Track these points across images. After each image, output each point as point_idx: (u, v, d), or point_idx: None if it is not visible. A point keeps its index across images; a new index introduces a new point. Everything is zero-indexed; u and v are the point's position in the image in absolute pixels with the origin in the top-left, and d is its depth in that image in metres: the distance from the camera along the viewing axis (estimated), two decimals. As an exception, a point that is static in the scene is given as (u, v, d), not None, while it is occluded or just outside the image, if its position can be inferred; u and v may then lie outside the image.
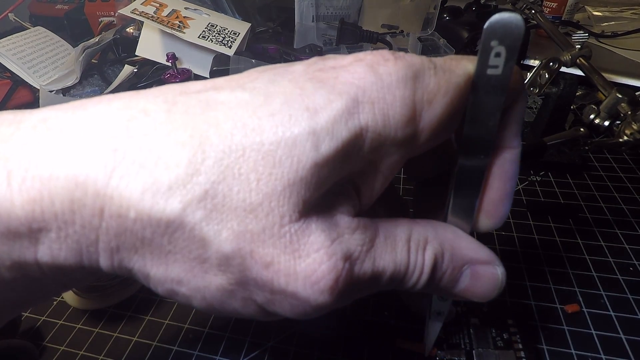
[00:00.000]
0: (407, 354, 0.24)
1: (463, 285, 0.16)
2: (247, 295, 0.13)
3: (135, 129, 0.12)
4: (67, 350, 0.26)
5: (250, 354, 0.25)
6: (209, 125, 0.12)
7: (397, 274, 0.14)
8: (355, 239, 0.13)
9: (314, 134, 0.12)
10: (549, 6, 0.64)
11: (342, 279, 0.12)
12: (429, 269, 0.14)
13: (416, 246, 0.14)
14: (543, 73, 0.39)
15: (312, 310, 0.13)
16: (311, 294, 0.12)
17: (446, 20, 0.67)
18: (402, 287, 0.15)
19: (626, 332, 0.25)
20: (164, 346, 0.26)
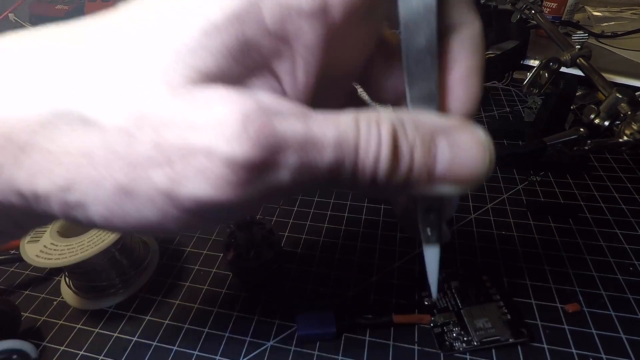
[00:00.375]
0: (407, 333, 0.24)
1: (445, 160, 0.12)
2: (147, 187, 0.11)
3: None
4: (67, 350, 0.26)
5: (250, 354, 0.25)
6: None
7: (345, 142, 0.11)
8: (277, 101, 0.12)
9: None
10: (549, 6, 0.64)
11: (260, 126, 0.10)
12: (388, 138, 0.12)
13: (367, 119, 0.12)
14: (543, 73, 0.39)
15: (231, 174, 0.10)
16: (225, 143, 0.10)
17: (446, 20, 0.67)
18: (363, 167, 0.12)
19: (626, 331, 0.25)
20: (164, 346, 0.26)
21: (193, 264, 0.32)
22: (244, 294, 0.29)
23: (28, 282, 0.31)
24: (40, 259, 0.25)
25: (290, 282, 0.30)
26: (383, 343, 0.25)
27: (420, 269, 0.30)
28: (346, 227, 0.34)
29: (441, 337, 0.22)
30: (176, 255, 0.33)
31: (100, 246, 0.26)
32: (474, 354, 0.23)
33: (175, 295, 0.29)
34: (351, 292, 0.29)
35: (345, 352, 0.25)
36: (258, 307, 0.28)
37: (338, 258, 0.31)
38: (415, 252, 0.31)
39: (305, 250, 0.32)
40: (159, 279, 0.30)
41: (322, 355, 0.25)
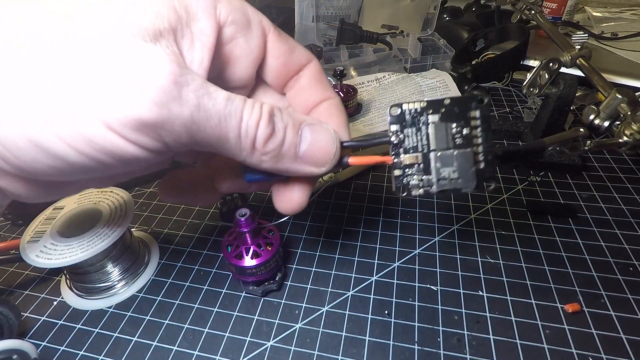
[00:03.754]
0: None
1: (306, 142, 0.17)
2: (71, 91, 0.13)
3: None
4: (67, 350, 0.26)
5: (250, 353, 0.25)
6: None
7: (234, 102, 0.15)
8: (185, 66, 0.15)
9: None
10: (549, 7, 0.64)
11: (174, 72, 0.14)
12: (267, 113, 0.16)
13: (253, 100, 0.16)
14: (543, 73, 0.39)
15: (151, 93, 0.13)
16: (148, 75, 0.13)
17: (446, 20, 0.67)
18: (246, 128, 0.16)
19: (626, 331, 0.25)
20: (164, 346, 0.26)
21: (193, 264, 0.32)
22: (244, 294, 0.29)
23: (28, 282, 0.31)
24: (40, 259, 0.25)
25: (289, 281, 0.30)
26: (383, 343, 0.25)
27: (420, 268, 0.30)
28: (346, 227, 0.34)
29: (399, 179, 0.18)
30: (176, 255, 0.33)
31: (100, 246, 0.26)
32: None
33: (175, 295, 0.29)
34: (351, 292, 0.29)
35: (345, 353, 0.25)
36: (258, 307, 0.28)
37: (338, 258, 0.31)
38: (415, 252, 0.31)
39: (305, 250, 0.32)
40: (159, 279, 0.30)
41: (322, 355, 0.25)
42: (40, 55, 0.13)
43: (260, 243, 0.27)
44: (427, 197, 0.18)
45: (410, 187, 0.19)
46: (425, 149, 0.18)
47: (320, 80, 0.21)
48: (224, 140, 0.16)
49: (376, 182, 0.39)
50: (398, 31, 0.62)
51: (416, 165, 0.18)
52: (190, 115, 0.14)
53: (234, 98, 0.15)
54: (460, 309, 0.27)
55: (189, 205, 0.37)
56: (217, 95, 0.15)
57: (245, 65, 0.19)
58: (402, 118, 0.18)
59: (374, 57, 0.59)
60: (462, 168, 0.18)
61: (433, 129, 0.18)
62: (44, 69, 0.13)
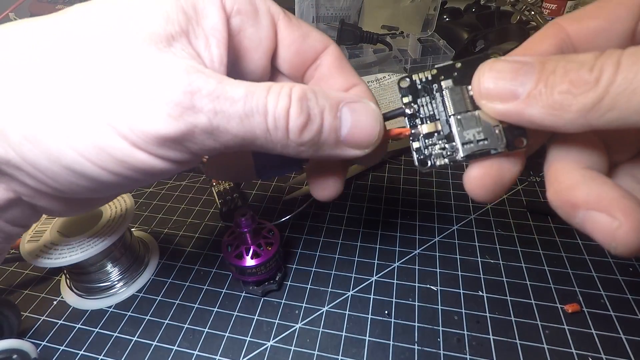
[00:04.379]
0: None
1: (347, 124, 0.16)
2: (87, 112, 0.14)
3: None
4: (67, 350, 0.26)
5: (250, 353, 0.25)
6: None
7: (253, 96, 0.14)
8: (198, 65, 0.14)
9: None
10: (549, 7, 0.64)
11: (182, 80, 0.13)
12: (297, 98, 0.15)
13: (280, 85, 0.15)
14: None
15: (166, 108, 0.13)
16: (159, 90, 0.13)
17: (446, 21, 0.67)
18: (274, 121, 0.14)
19: (626, 332, 0.25)
20: (164, 346, 0.26)
21: (193, 264, 0.32)
22: (244, 294, 0.29)
23: (28, 282, 0.31)
24: (40, 259, 0.25)
25: (289, 281, 0.30)
26: (383, 343, 0.25)
27: (420, 268, 0.30)
28: (346, 227, 0.34)
29: (420, 152, 0.17)
30: (176, 255, 0.33)
31: (100, 246, 0.26)
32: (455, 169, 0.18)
33: (175, 295, 0.29)
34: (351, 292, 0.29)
35: (345, 353, 0.25)
36: (258, 307, 0.28)
37: (338, 258, 0.31)
38: (415, 252, 0.31)
39: (305, 250, 0.32)
40: (159, 279, 0.30)
41: (322, 355, 0.25)
42: (56, 77, 0.14)
43: (260, 243, 0.27)
44: (452, 165, 0.16)
45: (434, 157, 0.17)
46: (444, 116, 0.17)
47: (341, 66, 0.19)
48: (253, 137, 0.15)
49: (376, 182, 0.39)
50: (398, 32, 0.62)
51: (436, 133, 0.17)
52: (208, 122, 0.14)
53: (254, 90, 0.14)
54: (460, 309, 0.27)
55: (189, 206, 0.37)
56: (234, 93, 0.14)
57: (256, 58, 0.18)
58: (413, 89, 0.17)
59: (374, 57, 0.59)
60: (487, 128, 0.16)
61: (449, 94, 0.16)
62: (62, 93, 0.13)
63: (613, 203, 0.13)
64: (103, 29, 0.14)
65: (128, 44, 0.14)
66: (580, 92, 0.12)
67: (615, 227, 0.13)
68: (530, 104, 0.13)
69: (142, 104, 0.13)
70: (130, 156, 0.14)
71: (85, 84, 0.13)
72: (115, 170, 0.14)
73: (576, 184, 0.14)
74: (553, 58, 0.13)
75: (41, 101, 0.13)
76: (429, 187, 0.38)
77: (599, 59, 0.12)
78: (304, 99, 0.15)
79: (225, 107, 0.14)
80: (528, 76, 0.13)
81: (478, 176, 0.16)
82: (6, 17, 0.64)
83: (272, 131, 0.15)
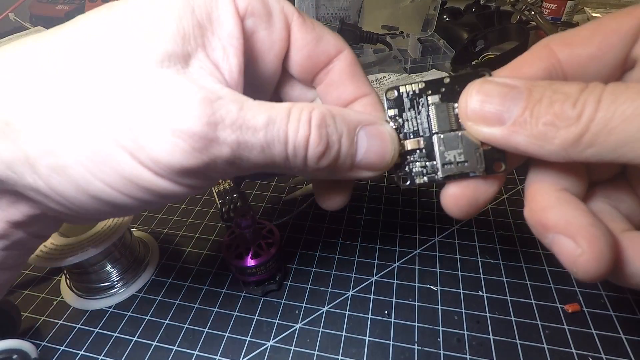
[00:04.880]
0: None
1: (363, 148, 0.16)
2: (112, 145, 0.13)
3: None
4: (67, 350, 0.26)
5: (250, 353, 0.25)
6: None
7: (274, 125, 0.14)
8: (218, 87, 0.14)
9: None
10: (549, 7, 0.64)
11: (203, 107, 0.13)
12: (317, 123, 0.14)
13: (299, 108, 0.15)
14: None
15: (182, 143, 0.13)
16: (172, 119, 0.13)
17: (446, 21, 0.67)
18: (294, 149, 0.14)
19: (626, 331, 0.25)
20: (163, 346, 0.26)
21: (193, 264, 0.32)
22: (244, 294, 0.29)
23: (28, 282, 0.31)
24: (40, 259, 0.25)
25: (289, 281, 0.30)
26: (383, 343, 0.25)
27: (420, 268, 0.30)
28: (346, 227, 0.34)
29: (401, 168, 0.17)
30: (176, 255, 0.33)
31: (100, 246, 0.26)
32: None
33: (175, 295, 0.29)
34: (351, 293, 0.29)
35: (345, 353, 0.25)
36: (258, 307, 0.28)
37: (338, 258, 0.31)
38: (415, 252, 0.31)
39: (305, 250, 0.32)
40: (159, 279, 0.30)
41: (322, 355, 0.25)
42: (77, 108, 0.13)
43: (261, 243, 0.27)
44: (431, 185, 0.17)
45: (414, 175, 0.17)
46: (427, 133, 0.17)
47: (353, 73, 0.19)
48: (272, 164, 0.15)
49: (376, 182, 0.39)
50: (398, 32, 0.62)
51: (418, 150, 0.17)
52: (231, 153, 0.14)
53: (274, 118, 0.14)
54: (460, 309, 0.27)
55: (189, 205, 0.37)
56: (256, 122, 0.14)
57: (267, 60, 0.17)
58: (399, 102, 0.17)
59: (374, 57, 0.59)
60: (468, 150, 0.16)
61: (434, 111, 0.16)
62: (86, 124, 0.13)
63: (580, 230, 0.13)
64: (116, 51, 0.14)
65: (146, 69, 0.13)
66: (563, 126, 0.12)
67: (578, 254, 0.13)
68: (515, 131, 0.13)
69: (165, 137, 0.13)
70: (155, 185, 0.14)
71: (106, 115, 0.13)
72: (140, 197, 0.15)
73: (550, 206, 0.15)
74: (540, 85, 0.13)
75: (66, 133, 0.13)
76: (429, 187, 0.38)
77: (582, 93, 0.12)
78: (323, 125, 0.15)
79: (248, 137, 0.14)
80: (515, 102, 0.13)
81: (454, 195, 0.17)
82: (6, 17, 0.64)
83: (292, 159, 0.15)
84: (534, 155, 0.14)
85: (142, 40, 0.14)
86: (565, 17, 0.64)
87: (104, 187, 0.14)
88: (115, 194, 0.14)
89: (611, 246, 0.13)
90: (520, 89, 0.13)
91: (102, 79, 0.13)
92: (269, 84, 0.19)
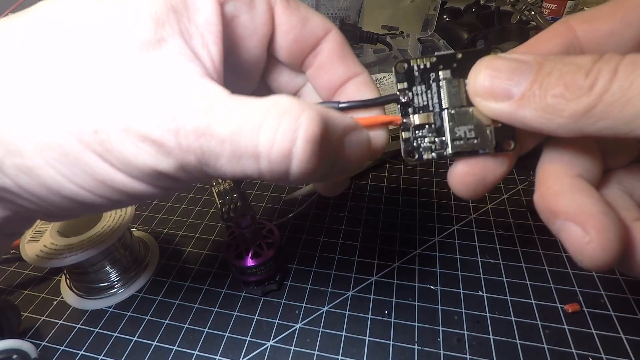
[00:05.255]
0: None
1: (352, 151, 0.15)
2: (81, 147, 0.13)
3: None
4: (67, 350, 0.26)
5: (250, 353, 0.25)
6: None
7: (241, 136, 0.12)
8: (196, 81, 0.13)
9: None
10: (549, 7, 0.64)
11: (164, 117, 0.12)
12: (308, 133, 0.12)
13: (279, 113, 0.13)
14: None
15: (149, 148, 0.12)
16: (143, 125, 0.12)
17: (446, 21, 0.67)
18: (270, 167, 0.13)
19: (626, 331, 0.25)
20: (163, 346, 0.26)
21: (193, 264, 0.32)
22: (244, 294, 0.29)
23: (28, 282, 0.31)
24: (40, 259, 0.25)
25: (289, 281, 0.30)
26: (383, 343, 0.25)
27: (420, 268, 0.30)
28: (346, 227, 0.34)
29: (408, 142, 0.17)
30: (176, 255, 0.33)
31: (100, 246, 0.26)
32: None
33: (175, 295, 0.29)
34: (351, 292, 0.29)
35: (345, 353, 0.25)
36: (258, 307, 0.28)
37: (338, 258, 0.31)
38: (415, 252, 0.31)
39: (305, 250, 0.32)
40: (159, 279, 0.30)
41: (322, 355, 0.25)
42: (42, 102, 0.13)
43: (261, 243, 0.27)
44: (439, 160, 0.16)
45: (422, 150, 0.17)
46: (437, 108, 0.16)
47: (342, 54, 0.18)
48: (244, 176, 0.14)
49: (376, 182, 0.39)
50: (398, 32, 0.62)
51: (427, 125, 0.16)
52: (196, 160, 0.13)
53: (242, 127, 0.12)
54: (460, 309, 0.27)
55: (189, 206, 0.37)
56: (220, 132, 0.12)
57: (251, 46, 0.17)
58: (410, 75, 0.16)
59: (374, 57, 0.59)
60: (478, 127, 0.16)
61: (445, 86, 0.16)
62: (52, 122, 0.13)
63: (590, 218, 0.13)
64: (83, 41, 0.13)
65: (115, 60, 0.12)
66: (574, 98, 0.12)
67: (586, 242, 0.13)
68: (523, 105, 0.13)
69: (131, 140, 0.12)
70: (129, 187, 0.14)
71: (73, 114, 0.12)
72: (113, 197, 0.14)
73: (561, 192, 0.14)
74: (552, 59, 0.13)
75: (31, 133, 0.13)
76: (429, 187, 0.38)
77: (596, 64, 0.12)
78: (315, 139, 0.12)
79: (212, 146, 0.12)
80: (524, 76, 0.13)
81: (462, 173, 0.16)
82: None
83: (267, 174, 0.13)
84: (543, 130, 0.13)
85: (112, 27, 0.13)
86: (566, 17, 0.64)
87: (76, 188, 0.14)
88: (88, 194, 0.14)
89: (620, 236, 0.13)
90: (531, 62, 0.13)
91: (66, 73, 0.13)
92: (254, 70, 0.18)
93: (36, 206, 0.15)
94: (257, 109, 0.12)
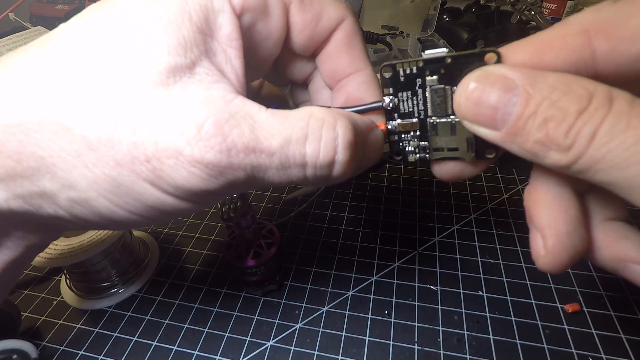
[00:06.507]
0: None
1: (367, 152, 0.16)
2: (135, 179, 0.13)
3: None
4: (67, 350, 0.26)
5: (250, 353, 0.25)
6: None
7: (289, 148, 0.14)
8: (229, 99, 0.14)
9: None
10: (549, 7, 0.64)
11: (214, 134, 0.13)
12: (345, 140, 0.14)
13: (319, 123, 0.14)
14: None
15: (197, 170, 0.13)
16: (188, 146, 0.12)
17: (446, 21, 0.67)
18: (314, 172, 0.14)
19: (626, 331, 0.25)
20: (163, 346, 0.26)
21: (193, 264, 0.32)
22: (244, 294, 0.29)
23: (28, 282, 0.31)
24: (40, 259, 0.25)
25: (289, 281, 0.30)
26: (383, 343, 0.25)
27: (420, 268, 0.30)
28: (346, 227, 0.34)
29: (396, 144, 0.17)
30: (176, 255, 0.33)
31: (100, 246, 0.26)
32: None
33: (175, 295, 0.29)
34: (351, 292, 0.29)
35: (345, 353, 0.25)
36: (258, 307, 0.28)
37: (338, 258, 0.31)
38: (415, 252, 0.31)
39: (305, 250, 0.32)
40: (159, 279, 0.30)
41: (322, 355, 0.25)
42: (88, 138, 0.13)
43: (261, 243, 0.27)
44: (424, 165, 0.17)
45: (407, 153, 0.17)
46: (422, 115, 0.16)
47: (350, 45, 0.18)
48: (289, 183, 0.15)
49: (376, 182, 0.39)
50: (398, 32, 0.62)
51: (412, 131, 0.17)
52: (246, 176, 0.14)
53: (289, 138, 0.14)
54: (460, 309, 0.27)
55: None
56: (269, 145, 0.13)
57: (266, 48, 0.17)
58: (395, 80, 0.16)
59: (374, 57, 0.59)
60: (461, 137, 0.16)
61: (430, 95, 0.16)
62: (99, 155, 0.13)
63: (551, 237, 0.14)
64: (116, 72, 0.13)
65: (151, 90, 0.13)
66: (554, 149, 0.12)
67: (542, 255, 0.15)
68: (507, 140, 0.13)
69: (182, 165, 0.13)
70: (176, 207, 0.14)
71: (119, 147, 0.13)
72: (157, 217, 0.15)
73: (542, 201, 0.15)
74: (540, 89, 0.12)
75: (82, 167, 0.13)
76: (429, 187, 0.38)
77: (580, 118, 0.11)
78: (352, 144, 0.14)
79: (262, 161, 0.13)
80: (510, 107, 0.12)
81: (441, 170, 0.17)
82: (6, 17, 0.64)
83: (312, 179, 0.14)
84: (532, 161, 0.14)
85: (141, 55, 0.13)
86: (566, 17, 0.64)
87: (126, 213, 0.14)
88: (134, 217, 0.14)
89: (573, 255, 0.14)
90: (519, 90, 0.12)
91: (111, 107, 0.13)
92: (267, 62, 0.19)
93: (82, 227, 0.16)
94: (297, 122, 0.14)
